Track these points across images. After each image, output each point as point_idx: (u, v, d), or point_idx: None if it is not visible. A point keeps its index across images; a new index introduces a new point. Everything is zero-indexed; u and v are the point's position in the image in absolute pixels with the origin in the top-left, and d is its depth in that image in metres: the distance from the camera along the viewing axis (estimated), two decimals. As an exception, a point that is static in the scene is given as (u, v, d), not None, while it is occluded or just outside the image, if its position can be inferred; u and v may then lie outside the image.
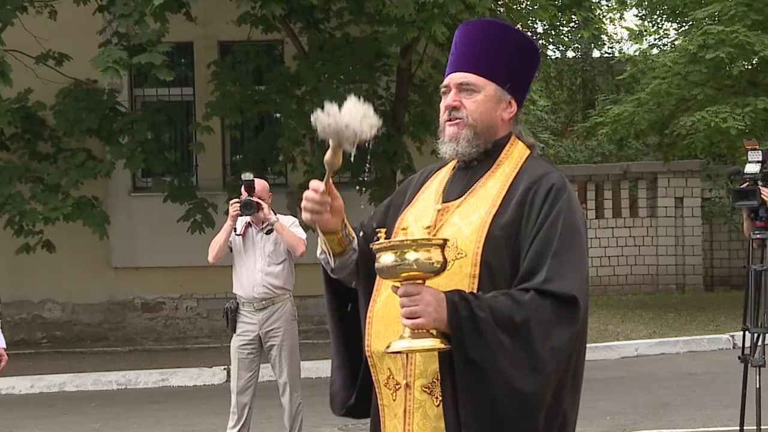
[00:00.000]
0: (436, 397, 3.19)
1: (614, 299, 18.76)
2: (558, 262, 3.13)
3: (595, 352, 13.48)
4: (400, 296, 3.05)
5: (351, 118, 3.09)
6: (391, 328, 3.25)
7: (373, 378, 3.39)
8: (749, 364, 7.88)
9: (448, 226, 3.30)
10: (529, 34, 22.73)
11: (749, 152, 8.02)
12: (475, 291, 3.17)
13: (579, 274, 3.17)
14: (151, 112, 15.27)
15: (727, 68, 17.62)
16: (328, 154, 3.15)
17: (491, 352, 3.03)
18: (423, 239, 3.03)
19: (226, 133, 16.49)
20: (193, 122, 15.77)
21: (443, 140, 3.41)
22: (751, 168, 7.90)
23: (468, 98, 3.36)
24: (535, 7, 20.50)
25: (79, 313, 16.22)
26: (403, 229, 3.25)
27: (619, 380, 11.96)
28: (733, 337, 13.92)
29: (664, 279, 19.45)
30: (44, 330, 16.34)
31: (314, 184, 3.24)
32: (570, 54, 28.09)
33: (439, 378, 3.18)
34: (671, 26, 23.26)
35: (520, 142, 3.45)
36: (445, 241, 3.10)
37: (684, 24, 21.20)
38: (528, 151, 3.44)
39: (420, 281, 3.06)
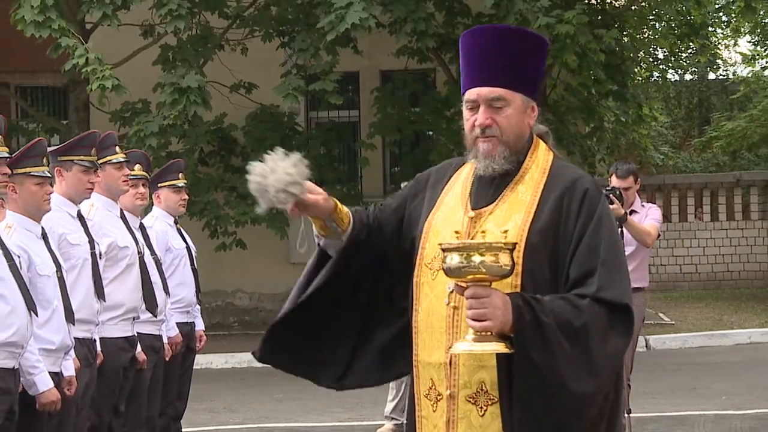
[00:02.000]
0: (481, 407, 2.85)
1: (728, 293, 18.22)
2: (608, 270, 2.80)
3: (711, 339, 13.19)
4: (468, 297, 2.70)
5: (276, 181, 2.90)
6: (435, 338, 2.92)
7: (414, 389, 3.02)
8: None
9: (484, 232, 2.89)
10: (651, 60, 22.29)
11: None
12: None
13: (627, 282, 2.87)
14: (324, 131, 15.55)
15: None
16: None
17: (552, 355, 2.72)
18: (494, 243, 2.71)
19: (386, 149, 16.60)
20: (358, 140, 15.96)
21: (476, 155, 2.96)
22: None
23: (499, 114, 2.92)
24: (657, 36, 20.14)
25: (264, 301, 16.44)
26: (482, 232, 2.84)
27: (734, 365, 11.60)
28: None
29: None
30: (236, 315, 16.73)
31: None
32: (688, 77, 27.37)
33: (484, 388, 2.84)
34: None
35: (540, 142, 3.04)
36: (515, 245, 2.77)
37: None
38: (551, 154, 3.03)
39: (487, 284, 2.72)
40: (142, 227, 6.64)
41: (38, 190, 5.15)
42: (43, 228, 5.27)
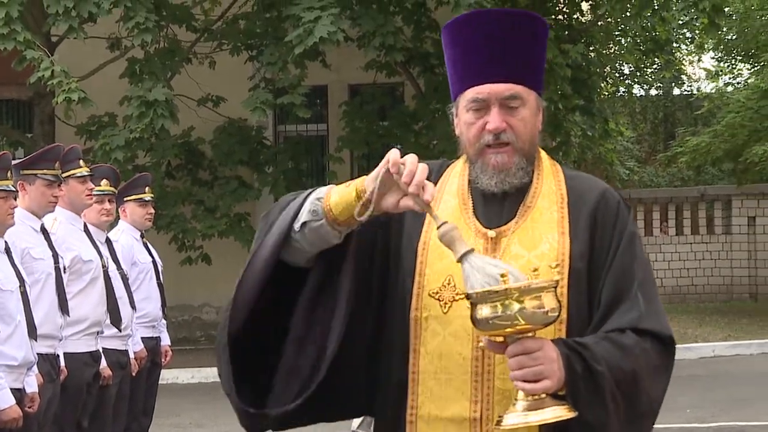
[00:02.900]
0: None
1: (692, 306, 18.35)
2: (646, 294, 2.31)
3: (676, 352, 13.25)
4: (515, 354, 2.14)
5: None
6: (453, 386, 2.31)
7: None
8: None
9: (509, 258, 2.31)
10: (616, 75, 22.49)
11: None
12: (564, 336, 2.30)
13: (663, 309, 2.41)
14: (292, 144, 15.52)
15: None
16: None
17: (608, 412, 2.21)
18: (533, 285, 2.12)
19: (354, 163, 16.60)
20: (326, 154, 15.95)
21: (485, 169, 2.36)
22: None
23: (513, 116, 2.34)
24: (622, 51, 20.34)
25: (232, 315, 16.35)
26: (535, 270, 2.16)
27: (698, 378, 11.67)
28: None
29: (738, 289, 18.97)
30: (203, 330, 16.60)
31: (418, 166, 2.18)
32: (653, 92, 27.60)
33: None
34: (744, 66, 22.82)
35: (540, 149, 2.51)
36: (557, 282, 2.17)
37: (756, 65, 20.85)
38: (554, 162, 2.52)
39: (531, 333, 2.16)
40: (108, 241, 6.60)
41: (2, 204, 5.09)
42: (6, 242, 5.21)
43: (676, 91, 27.84)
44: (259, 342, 2.40)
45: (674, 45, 20.93)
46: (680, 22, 19.13)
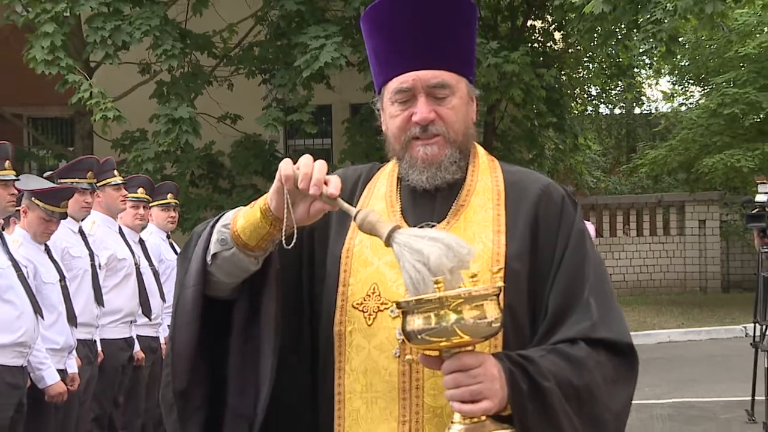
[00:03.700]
0: None
1: (651, 298, 18.35)
2: (598, 300, 1.83)
3: (636, 338, 13.11)
4: (451, 371, 1.65)
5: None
6: (378, 406, 1.82)
7: None
8: (759, 349, 7.65)
9: (468, 285, 1.75)
10: (585, 96, 22.52)
11: (759, 185, 7.98)
12: (500, 348, 1.79)
13: (621, 314, 1.89)
14: (301, 156, 15.48)
15: (741, 121, 17.45)
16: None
17: (560, 431, 1.73)
18: (474, 291, 1.62)
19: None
20: (331, 165, 15.94)
21: (413, 164, 1.90)
22: (761, 197, 7.78)
23: (442, 105, 1.87)
24: (590, 75, 20.37)
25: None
26: (473, 276, 1.65)
27: (656, 360, 11.65)
28: (745, 328, 13.31)
29: (691, 283, 18.98)
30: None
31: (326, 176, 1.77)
32: (617, 111, 27.62)
33: None
34: (696, 89, 22.95)
35: (477, 145, 2.01)
36: (500, 289, 1.69)
37: (706, 87, 20.95)
38: (492, 157, 2.02)
39: (470, 347, 1.66)
40: (141, 241, 6.60)
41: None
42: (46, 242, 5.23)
43: (637, 111, 27.87)
44: (202, 391, 1.91)
45: (635, 70, 20.97)
46: (640, 50, 19.20)
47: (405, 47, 1.89)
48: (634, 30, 13.54)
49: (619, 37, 15.21)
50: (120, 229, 6.31)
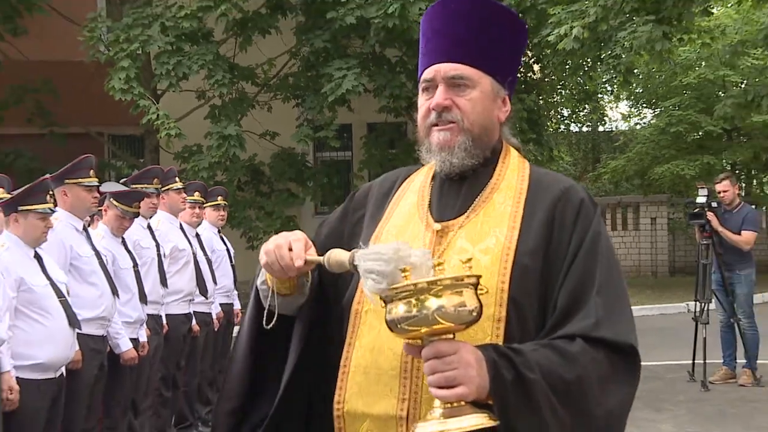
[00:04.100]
0: None
1: (613, 281, 18.38)
2: (606, 300, 1.60)
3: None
4: (428, 359, 1.47)
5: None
6: (382, 382, 1.63)
7: None
8: (698, 322, 7.64)
9: (454, 252, 1.63)
10: (559, 116, 22.47)
11: (699, 189, 7.87)
12: (501, 339, 1.58)
13: (629, 315, 1.67)
14: (326, 166, 15.55)
15: (684, 137, 17.56)
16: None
17: (545, 423, 1.49)
18: (449, 278, 1.43)
19: (371, 180, 16.55)
20: (351, 173, 15.96)
21: (430, 149, 1.71)
22: (700, 199, 7.73)
23: (461, 96, 1.68)
24: (562, 100, 20.31)
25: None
26: (468, 260, 1.50)
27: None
28: (688, 305, 13.26)
29: (644, 269, 18.88)
30: (263, 297, 16.48)
31: (299, 252, 1.65)
32: (585, 129, 27.50)
33: None
34: (648, 111, 22.92)
35: (512, 149, 1.82)
36: (478, 277, 1.49)
37: (656, 110, 20.95)
38: (526, 161, 1.82)
39: (449, 335, 1.48)
40: (197, 235, 6.63)
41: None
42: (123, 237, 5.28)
43: (601, 129, 27.72)
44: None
45: (599, 95, 20.93)
46: (603, 79, 19.23)
47: (439, 44, 1.71)
48: (598, 63, 13.55)
49: (586, 68, 15.19)
50: (180, 225, 6.33)
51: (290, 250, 1.64)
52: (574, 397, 1.51)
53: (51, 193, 4.08)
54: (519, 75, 15.80)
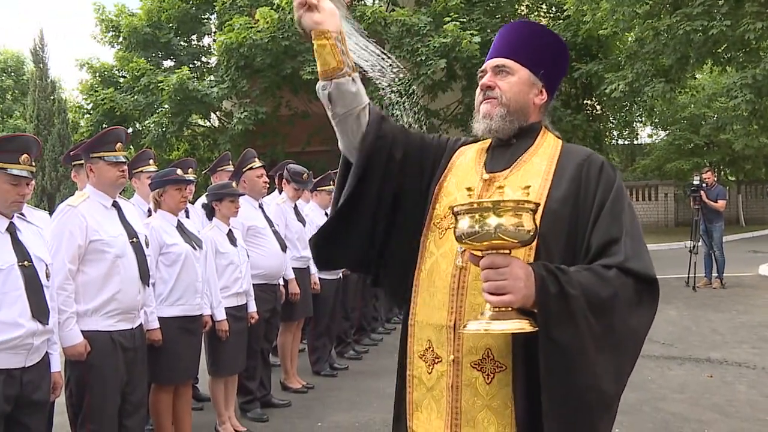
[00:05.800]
0: (488, 375, 1.89)
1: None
2: (632, 240, 1.87)
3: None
4: (484, 268, 1.72)
5: None
6: (437, 298, 1.98)
7: (408, 348, 2.06)
8: (692, 253, 11.58)
9: (498, 196, 1.91)
10: (611, 135, 27.58)
11: (694, 177, 11.98)
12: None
13: (649, 255, 1.90)
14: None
15: (683, 147, 25.14)
16: None
17: (580, 334, 1.73)
18: (513, 201, 1.69)
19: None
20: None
21: (477, 118, 2.10)
22: (695, 181, 11.74)
23: (502, 79, 2.08)
24: (613, 125, 24.81)
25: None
26: (499, 188, 1.95)
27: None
28: (685, 243, 16.62)
29: (660, 223, 24.60)
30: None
31: None
32: (626, 142, 31.91)
33: (490, 354, 1.89)
34: (662, 132, 29.87)
35: (549, 133, 2.14)
36: (537, 205, 1.78)
37: (667, 131, 27.43)
38: (558, 139, 2.14)
39: (506, 251, 1.71)
40: (260, 206, 5.94)
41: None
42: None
43: (636, 142, 32.23)
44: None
45: (634, 123, 27.12)
46: (637, 114, 23.29)
47: (494, 48, 2.15)
48: (634, 104, 18.66)
49: (626, 108, 19.72)
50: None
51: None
52: (606, 313, 1.76)
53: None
54: (589, 113, 19.72)
